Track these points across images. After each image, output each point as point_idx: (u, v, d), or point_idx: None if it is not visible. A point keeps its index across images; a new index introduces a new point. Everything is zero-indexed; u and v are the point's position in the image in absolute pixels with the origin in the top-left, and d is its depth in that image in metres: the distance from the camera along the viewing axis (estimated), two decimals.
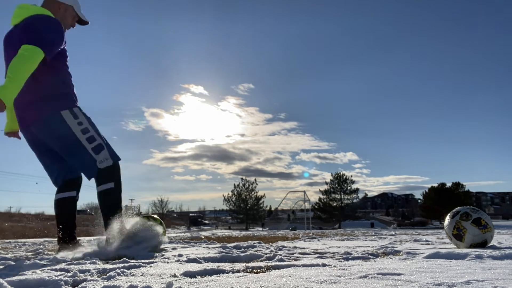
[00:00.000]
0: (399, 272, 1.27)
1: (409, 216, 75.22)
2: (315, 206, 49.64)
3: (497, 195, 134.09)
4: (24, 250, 3.04)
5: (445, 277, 1.14)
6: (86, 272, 1.36)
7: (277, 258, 1.78)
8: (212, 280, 1.18)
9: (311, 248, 2.62)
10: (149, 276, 1.29)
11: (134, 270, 1.44)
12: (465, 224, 2.41)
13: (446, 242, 3.21)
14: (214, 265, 1.52)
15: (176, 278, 1.25)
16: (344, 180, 49.40)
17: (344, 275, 1.24)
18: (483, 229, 2.39)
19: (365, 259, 1.83)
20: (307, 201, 44.19)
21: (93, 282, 1.16)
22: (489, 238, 2.43)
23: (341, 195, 48.99)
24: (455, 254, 1.81)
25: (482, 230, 2.39)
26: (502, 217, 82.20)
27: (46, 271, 1.42)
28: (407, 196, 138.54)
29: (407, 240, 3.77)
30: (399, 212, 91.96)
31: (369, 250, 2.30)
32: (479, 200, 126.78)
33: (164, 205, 57.63)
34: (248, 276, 1.26)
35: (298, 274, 1.28)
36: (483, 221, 2.40)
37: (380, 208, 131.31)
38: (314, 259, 1.82)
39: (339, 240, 4.17)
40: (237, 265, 1.52)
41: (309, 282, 1.11)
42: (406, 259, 1.79)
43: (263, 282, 1.10)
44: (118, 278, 1.24)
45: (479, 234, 2.39)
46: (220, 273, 1.35)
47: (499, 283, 1.03)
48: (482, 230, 2.39)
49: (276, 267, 1.47)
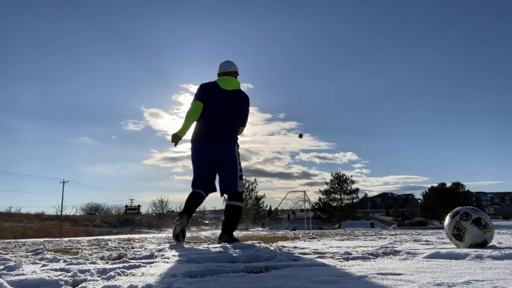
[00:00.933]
0: (399, 272, 1.27)
1: (409, 216, 75.18)
2: (315, 206, 49.63)
3: (497, 195, 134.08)
4: (24, 250, 3.03)
5: (445, 277, 1.14)
6: (86, 272, 1.36)
7: (277, 258, 1.78)
8: (212, 280, 1.18)
9: (311, 248, 2.62)
10: (149, 276, 1.29)
11: (134, 270, 1.43)
12: (465, 224, 2.41)
13: (446, 242, 3.21)
14: (214, 265, 1.52)
15: (176, 278, 1.25)
16: (344, 180, 49.41)
17: (344, 275, 1.24)
18: (483, 229, 2.39)
19: (365, 259, 1.83)
20: (307, 201, 44.16)
21: (93, 282, 1.16)
22: (489, 238, 2.43)
23: (341, 195, 49.00)
24: (455, 254, 1.81)
25: (482, 230, 2.39)
26: (502, 217, 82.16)
27: (46, 271, 1.42)
28: (407, 196, 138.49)
29: (407, 240, 3.76)
30: (399, 212, 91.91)
31: (369, 250, 2.30)
32: (479, 200, 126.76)
33: (164, 205, 57.62)
34: (248, 276, 1.26)
35: (298, 274, 1.28)
36: (483, 221, 2.40)
37: (380, 208, 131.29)
38: (314, 259, 1.82)
39: (339, 240, 4.17)
40: (237, 265, 1.52)
41: (309, 282, 1.11)
42: (406, 259, 1.79)
43: (263, 282, 1.10)
44: (118, 278, 1.24)
45: (479, 234, 2.39)
46: (220, 273, 1.34)
47: (499, 283, 1.03)
48: (482, 230, 2.39)
49: (276, 267, 1.47)
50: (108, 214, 62.89)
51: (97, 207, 65.92)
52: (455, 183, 52.96)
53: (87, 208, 64.55)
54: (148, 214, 60.48)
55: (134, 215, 58.62)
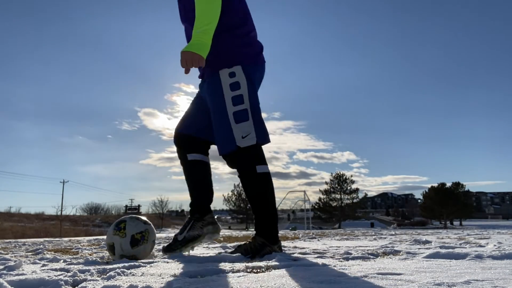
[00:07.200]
0: (399, 272, 1.27)
1: (409, 216, 75.22)
2: (315, 206, 49.65)
3: (497, 195, 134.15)
4: (24, 250, 3.03)
5: (445, 277, 1.14)
6: (86, 272, 1.36)
7: (277, 258, 1.78)
8: (212, 280, 1.18)
9: (311, 248, 2.62)
10: (149, 276, 1.29)
11: (134, 270, 1.43)
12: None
13: (446, 242, 3.21)
14: (214, 265, 1.52)
15: (176, 278, 1.25)
16: (344, 180, 49.47)
17: (344, 275, 1.24)
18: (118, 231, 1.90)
19: (365, 259, 1.83)
20: (307, 201, 44.15)
21: (93, 282, 1.16)
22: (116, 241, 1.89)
23: (341, 195, 49.04)
24: (455, 254, 1.81)
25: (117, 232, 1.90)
26: (502, 217, 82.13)
27: (46, 271, 1.41)
28: (407, 196, 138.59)
29: (407, 240, 3.76)
30: (399, 212, 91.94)
31: (369, 250, 2.30)
32: (479, 200, 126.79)
33: (164, 205, 57.66)
34: (248, 276, 1.25)
35: (298, 274, 1.28)
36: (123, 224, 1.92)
37: (380, 208, 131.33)
38: (314, 259, 1.82)
39: (339, 240, 4.17)
40: (237, 265, 1.51)
41: (309, 282, 1.11)
42: (406, 259, 1.79)
43: (263, 282, 1.10)
44: (118, 278, 1.24)
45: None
46: (220, 273, 1.34)
47: (499, 283, 1.03)
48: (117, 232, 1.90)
49: (276, 267, 1.47)
50: (108, 214, 62.92)
51: (97, 207, 65.99)
52: (455, 183, 52.99)
53: (87, 208, 64.63)
54: (148, 214, 60.48)
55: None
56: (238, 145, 1.89)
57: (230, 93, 1.92)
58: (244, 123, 1.90)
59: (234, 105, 1.90)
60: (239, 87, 1.92)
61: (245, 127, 1.89)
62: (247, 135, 1.89)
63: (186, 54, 1.76)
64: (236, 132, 1.89)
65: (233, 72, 1.93)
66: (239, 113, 1.90)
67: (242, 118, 1.90)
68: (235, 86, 1.92)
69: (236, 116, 1.90)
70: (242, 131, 1.89)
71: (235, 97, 1.91)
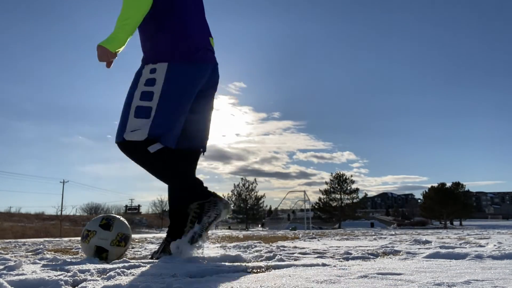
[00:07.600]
0: (399, 272, 1.27)
1: (409, 216, 75.22)
2: (315, 206, 49.67)
3: (497, 195, 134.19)
4: (24, 250, 3.03)
5: (445, 277, 1.14)
6: (86, 272, 1.36)
7: (277, 258, 1.78)
8: (212, 280, 1.18)
9: (311, 248, 2.62)
10: (149, 276, 1.29)
11: (134, 270, 1.43)
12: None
13: (446, 242, 3.21)
14: (214, 265, 1.52)
15: (176, 278, 1.25)
16: (344, 180, 49.47)
17: (344, 275, 1.24)
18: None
19: (365, 259, 1.83)
20: (307, 201, 44.19)
21: (93, 282, 1.16)
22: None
23: (341, 195, 49.04)
24: (455, 254, 1.81)
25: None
26: (502, 217, 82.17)
27: (46, 271, 1.41)
28: (407, 196, 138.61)
29: (407, 240, 3.76)
30: (399, 212, 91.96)
31: (369, 250, 2.30)
32: (479, 200, 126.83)
33: (164, 205, 57.61)
34: (248, 276, 1.25)
35: (298, 274, 1.28)
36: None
37: (380, 208, 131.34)
38: (314, 259, 1.82)
39: (339, 240, 4.17)
40: (237, 265, 1.51)
41: (309, 282, 1.11)
42: (406, 259, 1.79)
43: (263, 282, 1.10)
44: (118, 278, 1.24)
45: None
46: (220, 273, 1.34)
47: (499, 283, 1.03)
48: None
49: (276, 267, 1.47)
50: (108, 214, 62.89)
51: (97, 207, 65.95)
52: (455, 183, 52.99)
53: (87, 208, 64.58)
54: (148, 214, 60.51)
55: (134, 215, 58.67)
56: (124, 137, 1.83)
57: (142, 88, 1.89)
58: (142, 120, 1.83)
59: (140, 99, 1.87)
60: (153, 84, 1.88)
61: (140, 123, 1.83)
62: (136, 130, 1.82)
63: (98, 48, 1.80)
64: (130, 125, 1.84)
65: (154, 69, 1.91)
66: (142, 109, 1.85)
67: (142, 114, 1.84)
68: (150, 82, 1.89)
69: (137, 111, 1.85)
70: (135, 126, 1.83)
71: (145, 92, 1.87)
